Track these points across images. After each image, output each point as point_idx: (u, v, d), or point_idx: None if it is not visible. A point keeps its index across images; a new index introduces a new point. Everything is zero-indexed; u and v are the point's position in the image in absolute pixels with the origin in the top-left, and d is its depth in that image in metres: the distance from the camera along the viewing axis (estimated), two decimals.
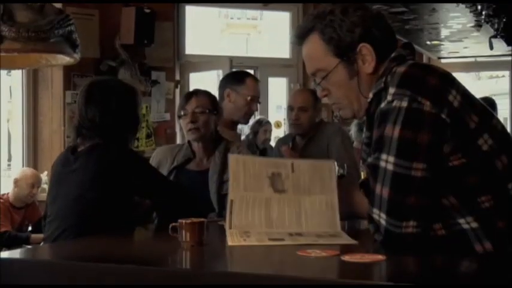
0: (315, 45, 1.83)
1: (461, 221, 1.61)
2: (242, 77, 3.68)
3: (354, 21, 1.77)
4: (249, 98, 3.59)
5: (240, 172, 1.93)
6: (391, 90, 1.65)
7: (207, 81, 6.22)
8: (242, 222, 1.88)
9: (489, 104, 7.04)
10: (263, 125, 6.28)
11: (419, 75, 1.66)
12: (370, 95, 1.76)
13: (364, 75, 1.79)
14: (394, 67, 1.71)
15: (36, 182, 5.05)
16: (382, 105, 1.66)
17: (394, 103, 1.62)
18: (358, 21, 1.77)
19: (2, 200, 4.92)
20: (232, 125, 3.65)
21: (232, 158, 1.99)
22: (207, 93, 3.16)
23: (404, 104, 1.60)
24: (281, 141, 4.17)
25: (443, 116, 1.60)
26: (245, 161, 1.96)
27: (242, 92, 3.60)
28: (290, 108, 3.88)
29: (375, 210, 1.64)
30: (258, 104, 3.72)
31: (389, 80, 1.69)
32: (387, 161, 1.62)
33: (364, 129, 1.87)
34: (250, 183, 1.92)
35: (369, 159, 1.69)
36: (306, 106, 3.79)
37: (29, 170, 5.22)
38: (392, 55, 1.77)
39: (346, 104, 1.85)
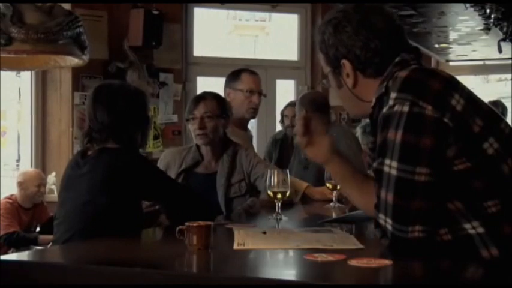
0: (319, 55, 1.90)
1: (467, 226, 1.61)
2: (238, 73, 3.66)
3: (341, 39, 1.79)
4: (245, 91, 3.58)
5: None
6: (393, 94, 1.65)
7: (215, 83, 6.20)
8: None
9: (500, 107, 6.93)
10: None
11: (420, 79, 1.66)
12: (373, 100, 1.77)
13: (363, 81, 1.80)
14: (396, 72, 1.72)
15: (41, 182, 5.07)
16: (384, 110, 1.67)
17: (396, 108, 1.63)
18: (344, 39, 1.79)
19: (10, 201, 4.94)
20: (241, 123, 3.64)
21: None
22: (215, 97, 3.14)
23: (406, 108, 1.61)
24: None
25: (445, 120, 1.59)
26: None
27: (239, 88, 3.59)
28: None
29: (381, 216, 1.65)
30: (263, 97, 3.69)
31: (390, 85, 1.69)
32: (391, 166, 1.62)
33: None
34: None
35: (374, 165, 1.70)
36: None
37: (32, 171, 5.23)
38: (396, 60, 1.77)
39: (344, 107, 1.94)
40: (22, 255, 2.33)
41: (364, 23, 1.78)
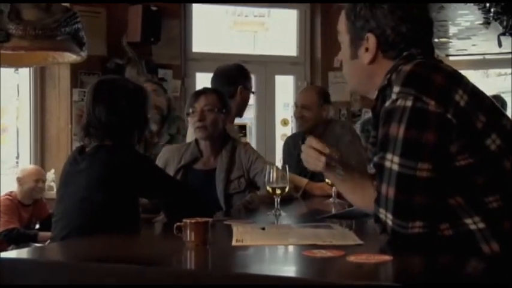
0: (341, 19, 1.88)
1: (469, 221, 1.60)
2: (247, 72, 3.74)
3: (375, 13, 1.77)
4: (252, 90, 3.75)
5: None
6: (396, 88, 1.64)
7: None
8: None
9: (500, 102, 6.90)
10: None
11: (424, 74, 1.65)
12: (376, 92, 1.75)
13: (381, 61, 1.79)
14: (401, 65, 1.70)
15: (40, 177, 5.07)
16: (387, 104, 1.65)
17: (399, 102, 1.61)
18: (378, 15, 1.77)
19: (10, 197, 4.94)
20: (234, 119, 3.68)
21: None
22: (216, 92, 3.15)
23: (409, 103, 1.59)
24: (291, 138, 4.17)
25: (448, 115, 1.58)
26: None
27: (250, 87, 3.70)
28: (295, 105, 3.96)
29: (381, 210, 1.63)
30: (262, 93, 3.90)
31: (394, 78, 1.68)
32: (392, 161, 1.61)
33: (371, 128, 1.87)
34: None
35: (375, 159, 1.68)
36: (309, 104, 3.84)
37: (31, 167, 5.24)
38: (404, 54, 1.76)
39: (347, 79, 1.91)
40: (20, 253, 2.32)
41: (401, 4, 1.77)
